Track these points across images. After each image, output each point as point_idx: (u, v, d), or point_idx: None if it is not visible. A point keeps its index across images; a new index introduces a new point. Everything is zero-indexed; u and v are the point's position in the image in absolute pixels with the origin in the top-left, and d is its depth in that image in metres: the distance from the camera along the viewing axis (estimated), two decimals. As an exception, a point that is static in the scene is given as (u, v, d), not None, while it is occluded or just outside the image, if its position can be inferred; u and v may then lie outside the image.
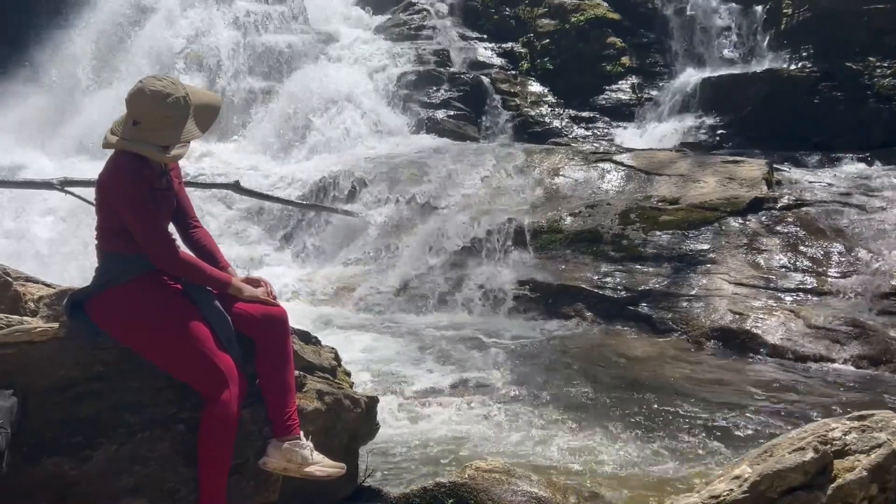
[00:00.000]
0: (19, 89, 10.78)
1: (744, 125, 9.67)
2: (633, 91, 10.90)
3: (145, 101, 2.63)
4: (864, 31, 9.88)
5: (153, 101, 2.62)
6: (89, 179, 7.03)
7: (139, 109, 2.63)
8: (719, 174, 7.72)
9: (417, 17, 11.73)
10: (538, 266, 7.15)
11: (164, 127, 2.63)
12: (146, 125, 2.62)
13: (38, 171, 8.40)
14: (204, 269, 2.65)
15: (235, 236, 8.26)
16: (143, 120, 2.63)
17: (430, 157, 9.00)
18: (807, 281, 6.29)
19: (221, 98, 2.80)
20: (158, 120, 2.62)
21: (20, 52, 11.28)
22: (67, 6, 11.31)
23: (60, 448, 2.50)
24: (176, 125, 2.65)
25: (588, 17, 11.34)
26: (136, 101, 2.64)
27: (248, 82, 10.70)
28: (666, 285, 6.58)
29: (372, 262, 7.83)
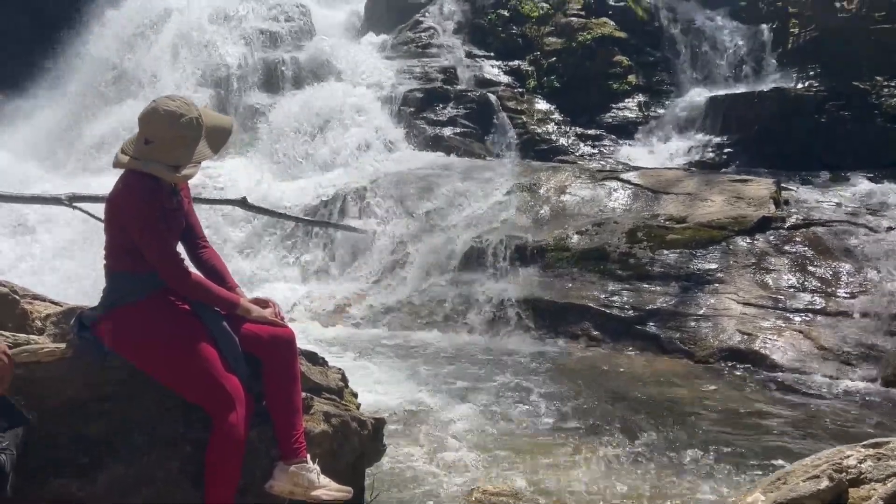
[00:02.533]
0: (29, 105, 10.86)
1: (751, 144, 9.66)
2: (640, 109, 10.92)
3: (158, 120, 2.63)
4: (871, 50, 9.90)
5: (166, 121, 2.62)
6: (97, 195, 7.06)
7: (152, 129, 2.63)
8: (727, 193, 7.70)
9: (425, 34, 11.78)
10: (544, 284, 7.13)
11: (175, 147, 2.63)
12: (158, 144, 2.62)
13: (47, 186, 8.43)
14: (212, 289, 2.64)
15: (240, 251, 8.26)
16: (155, 139, 2.62)
17: (436, 175, 9.01)
18: (816, 301, 6.25)
19: (233, 120, 2.80)
20: (170, 140, 2.62)
21: (31, 68, 11.37)
22: (79, 24, 11.40)
23: (67, 469, 2.48)
24: (188, 145, 2.64)
25: (595, 36, 11.39)
26: (149, 120, 2.64)
27: (255, 98, 10.76)
28: (674, 305, 6.54)
29: (377, 279, 7.82)
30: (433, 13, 12.04)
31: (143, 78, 10.73)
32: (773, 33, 10.79)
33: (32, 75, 11.33)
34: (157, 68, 10.78)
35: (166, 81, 10.45)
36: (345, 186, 8.84)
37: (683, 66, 11.23)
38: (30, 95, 11.12)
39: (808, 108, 9.58)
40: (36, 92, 11.23)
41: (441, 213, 8.31)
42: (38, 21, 11.91)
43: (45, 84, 11.32)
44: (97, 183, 7.94)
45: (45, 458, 2.47)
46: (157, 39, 11.13)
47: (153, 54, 10.98)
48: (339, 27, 12.37)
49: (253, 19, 11.61)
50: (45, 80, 11.33)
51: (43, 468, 2.46)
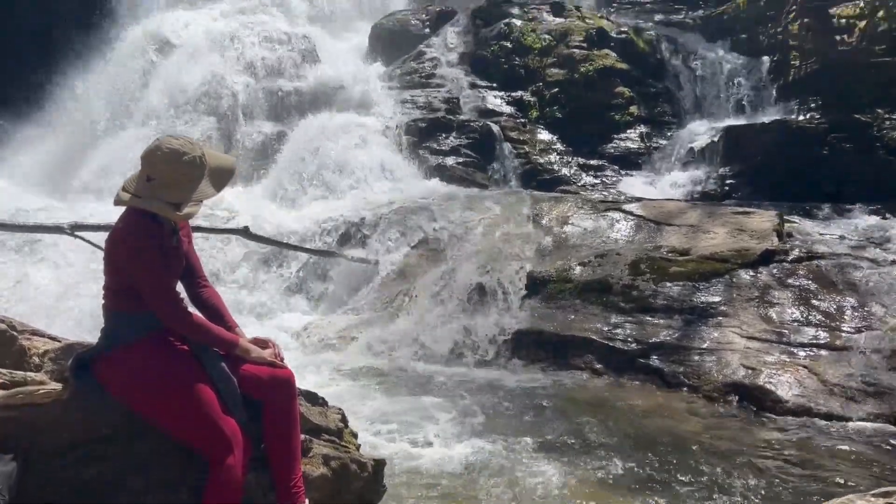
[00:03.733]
0: (32, 132, 10.93)
1: (753, 175, 9.67)
2: (642, 140, 10.96)
3: (161, 158, 2.63)
4: (872, 83, 9.95)
5: (169, 159, 2.62)
6: (99, 224, 7.07)
7: (154, 166, 2.63)
8: (729, 225, 7.68)
9: (428, 65, 11.87)
10: (547, 316, 7.09)
11: (177, 185, 2.62)
12: (160, 182, 2.61)
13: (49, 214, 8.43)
14: (211, 329, 2.62)
15: (242, 282, 8.23)
16: (157, 176, 2.62)
17: (439, 204, 9.02)
18: (820, 336, 6.20)
19: (236, 160, 2.81)
20: (172, 178, 2.61)
21: (35, 95, 11.46)
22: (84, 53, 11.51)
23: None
24: (190, 184, 2.64)
25: (597, 67, 11.46)
26: (152, 158, 2.64)
27: (259, 127, 10.82)
28: (677, 338, 6.49)
29: (380, 309, 7.78)
30: (436, 44, 12.14)
31: (147, 106, 10.80)
32: (774, 65, 10.86)
33: (36, 103, 11.42)
34: (160, 96, 10.86)
35: (169, 109, 10.52)
36: (348, 216, 8.85)
37: (685, 98, 11.29)
38: (33, 123, 11.20)
39: (810, 140, 9.60)
40: (39, 119, 11.31)
41: (444, 243, 8.30)
42: (44, 49, 12.02)
43: (48, 111, 11.40)
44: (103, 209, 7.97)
45: (40, 501, 2.43)
46: (160, 68, 11.22)
47: (157, 82, 11.06)
48: (344, 57, 12.46)
49: (257, 48, 11.72)
50: (48, 108, 11.41)
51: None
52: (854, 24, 10.25)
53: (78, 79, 11.39)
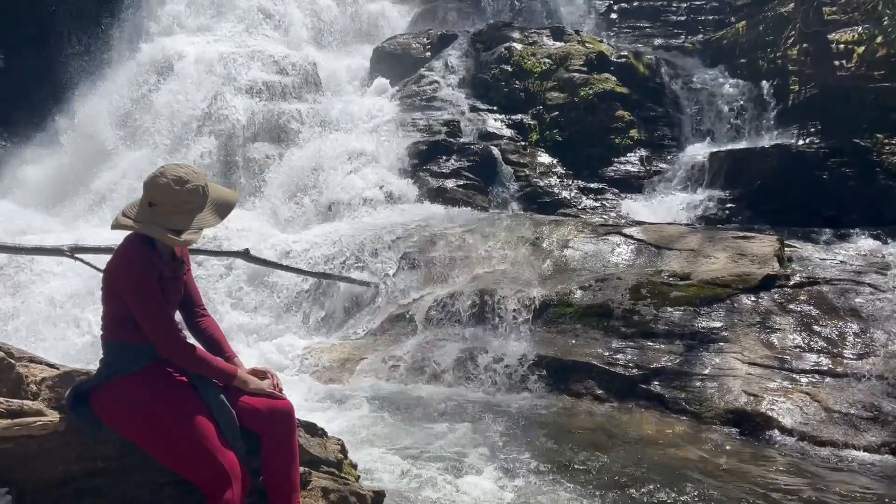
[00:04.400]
0: (35, 153, 10.96)
1: (753, 199, 9.69)
2: (642, 163, 10.99)
3: (164, 184, 2.63)
4: (871, 108, 10.00)
5: (172, 185, 2.62)
6: (100, 246, 7.06)
7: (156, 192, 2.63)
8: (730, 250, 7.67)
9: (429, 88, 11.93)
10: (548, 340, 7.05)
11: (178, 212, 2.62)
12: (161, 207, 2.61)
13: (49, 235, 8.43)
14: (209, 360, 2.60)
15: (241, 305, 8.21)
16: (158, 202, 2.62)
17: (439, 227, 9.02)
18: (822, 362, 6.16)
19: (238, 195, 2.81)
20: (174, 204, 2.61)
21: (37, 116, 11.52)
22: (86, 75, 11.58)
23: (55, 547, 2.40)
24: (191, 211, 2.64)
25: (597, 91, 11.52)
26: (155, 183, 2.64)
27: (259, 149, 10.85)
28: (678, 363, 6.45)
29: (379, 332, 7.75)
30: (437, 67, 12.21)
31: (148, 128, 10.84)
32: (774, 90, 10.91)
33: (38, 124, 11.47)
34: (161, 118, 10.90)
35: (172, 132, 10.55)
36: (348, 238, 8.84)
37: (685, 122, 11.34)
38: (35, 144, 11.24)
39: (810, 165, 9.63)
40: (42, 140, 11.35)
41: (443, 265, 8.29)
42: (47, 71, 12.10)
43: (50, 133, 11.45)
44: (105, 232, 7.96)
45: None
46: (162, 90, 11.28)
47: (158, 105, 11.11)
48: (345, 80, 12.53)
49: (258, 71, 11.78)
50: (50, 129, 11.46)
51: (31, 546, 2.39)
52: (853, 50, 10.32)
53: (80, 101, 11.44)
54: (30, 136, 11.30)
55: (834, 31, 10.72)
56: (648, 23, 13.71)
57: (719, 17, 12.96)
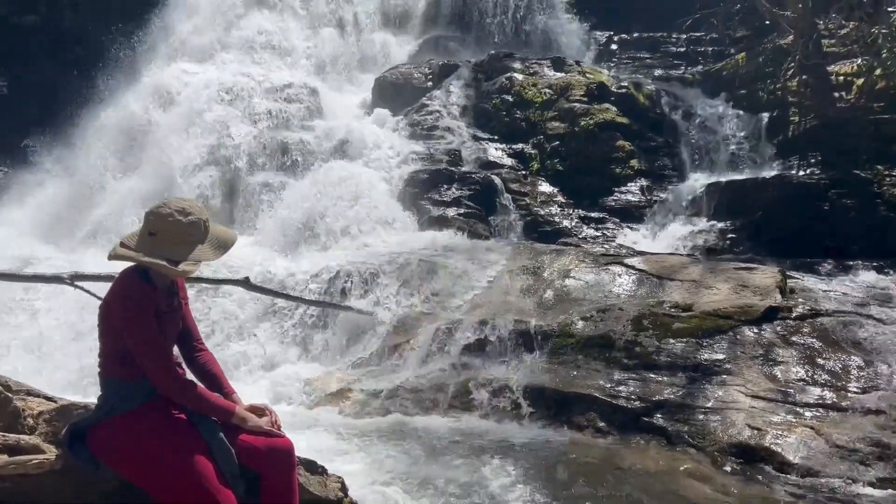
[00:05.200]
0: (35, 180, 10.98)
1: (754, 230, 9.68)
2: (643, 193, 11.00)
3: (167, 213, 2.63)
4: (871, 139, 10.03)
5: (174, 216, 2.62)
6: (100, 274, 7.03)
7: (158, 222, 2.63)
8: (732, 281, 7.65)
9: (430, 117, 11.99)
10: (549, 371, 7.00)
11: (178, 242, 2.61)
12: (161, 237, 2.60)
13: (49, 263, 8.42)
14: (208, 397, 2.57)
15: (240, 334, 8.16)
16: (159, 231, 2.61)
17: (440, 255, 9.00)
18: (826, 396, 6.11)
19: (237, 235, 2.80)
20: (175, 234, 2.60)
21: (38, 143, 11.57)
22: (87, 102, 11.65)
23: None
24: (191, 243, 2.63)
25: (597, 121, 11.58)
26: (157, 213, 2.64)
27: (262, 177, 10.88)
28: (681, 396, 6.40)
29: (380, 361, 7.70)
30: (439, 97, 12.29)
31: (150, 156, 10.88)
32: (774, 121, 10.96)
33: (39, 151, 11.51)
34: (163, 146, 10.94)
35: (175, 159, 10.59)
36: (348, 266, 8.82)
37: (685, 152, 11.38)
38: (36, 171, 11.27)
39: (811, 196, 9.64)
40: (42, 167, 11.38)
41: (444, 294, 8.26)
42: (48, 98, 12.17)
43: (51, 160, 11.48)
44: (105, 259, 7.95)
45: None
46: (165, 118, 11.33)
47: (160, 132, 11.16)
48: (347, 109, 12.60)
49: (261, 99, 11.85)
50: (51, 156, 11.49)
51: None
52: (852, 82, 10.40)
53: (82, 128, 11.50)
54: (31, 162, 11.33)
55: (833, 63, 10.80)
56: (648, 54, 13.83)
57: (719, 48, 13.08)
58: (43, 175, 11.19)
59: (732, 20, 12.47)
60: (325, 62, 13.84)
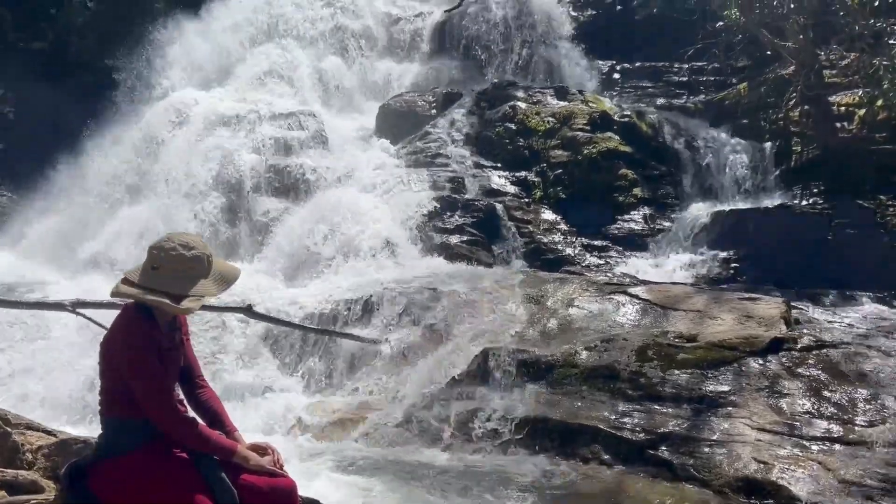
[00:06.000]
0: (40, 205, 11.02)
1: (757, 259, 9.67)
2: (646, 221, 11.01)
3: (170, 247, 2.63)
4: (873, 169, 10.06)
5: (177, 250, 2.62)
6: (102, 301, 7.02)
7: (161, 256, 2.62)
8: (736, 311, 7.61)
9: (434, 145, 12.04)
10: (552, 402, 6.94)
11: (181, 277, 2.60)
12: (164, 272, 2.59)
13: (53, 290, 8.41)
14: (209, 436, 2.54)
15: (242, 362, 8.12)
16: (162, 266, 2.60)
17: (443, 283, 8.97)
18: (833, 429, 6.04)
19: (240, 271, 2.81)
20: (178, 269, 2.60)
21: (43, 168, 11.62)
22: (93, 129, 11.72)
23: None
24: (194, 278, 2.62)
25: (600, 150, 11.62)
26: (160, 247, 2.64)
27: (266, 203, 10.90)
28: (686, 428, 6.33)
29: (382, 390, 7.65)
30: (442, 125, 12.35)
31: (155, 181, 10.92)
32: (776, 151, 11.00)
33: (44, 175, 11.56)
34: (168, 172, 10.99)
35: (178, 185, 10.62)
36: (351, 294, 8.80)
37: (688, 181, 11.40)
38: (41, 196, 11.30)
39: (814, 226, 9.64)
40: (47, 192, 11.42)
41: (447, 322, 8.22)
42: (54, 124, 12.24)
43: (56, 185, 11.53)
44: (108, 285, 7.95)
45: None
46: (169, 145, 11.39)
47: (165, 159, 11.21)
48: (352, 136, 12.66)
49: (265, 126, 11.92)
50: (56, 181, 11.54)
51: None
52: (854, 113, 10.44)
53: (87, 154, 11.55)
54: (35, 187, 11.38)
55: (835, 93, 10.86)
56: (650, 83, 13.91)
57: (720, 78, 13.15)
58: (48, 200, 11.23)
59: (734, 50, 12.55)
60: (330, 90, 13.94)
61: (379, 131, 12.94)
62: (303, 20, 14.73)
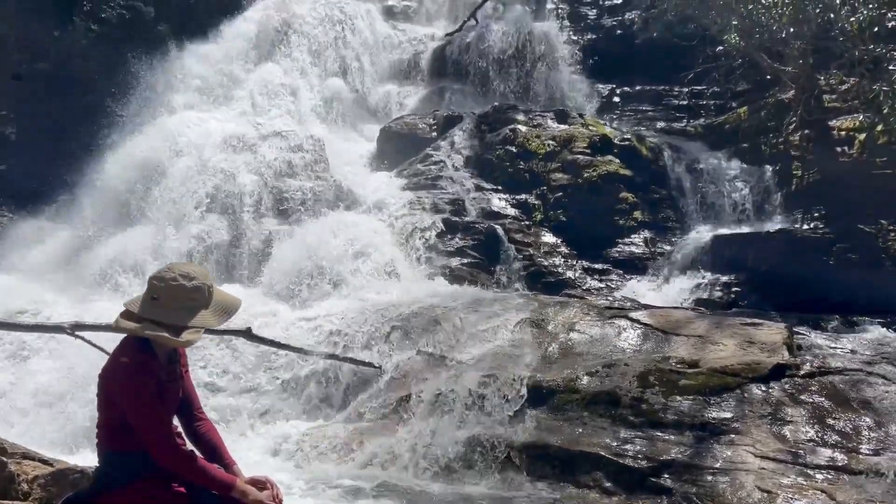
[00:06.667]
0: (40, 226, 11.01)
1: (759, 284, 9.63)
2: (646, 245, 10.99)
3: (170, 277, 2.61)
4: (874, 194, 10.04)
5: (177, 279, 2.60)
6: (101, 324, 6.99)
7: (161, 286, 2.60)
8: (738, 337, 7.57)
9: (435, 167, 12.06)
10: (553, 428, 6.88)
11: (180, 308, 2.58)
12: (164, 302, 2.57)
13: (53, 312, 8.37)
14: (207, 470, 2.51)
15: (240, 386, 8.06)
16: (161, 296, 2.58)
17: (443, 306, 8.94)
18: (837, 458, 5.98)
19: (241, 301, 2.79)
20: (178, 299, 2.58)
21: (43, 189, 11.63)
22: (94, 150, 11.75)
23: None
24: (192, 308, 2.60)
25: (600, 173, 11.64)
26: (160, 277, 2.62)
27: (266, 225, 10.89)
28: (689, 456, 6.27)
29: (381, 416, 7.58)
30: (443, 147, 12.38)
31: (155, 203, 10.92)
32: (777, 175, 11.01)
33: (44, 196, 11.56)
34: (169, 194, 10.99)
35: (179, 207, 10.62)
36: (352, 317, 8.76)
37: (688, 204, 11.41)
38: (41, 217, 11.31)
39: (815, 250, 9.63)
40: (47, 213, 11.43)
41: (447, 346, 8.18)
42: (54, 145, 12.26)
43: (56, 205, 11.53)
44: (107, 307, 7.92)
45: None
46: (170, 166, 11.40)
47: (166, 180, 11.22)
48: (353, 158, 12.69)
49: (268, 148, 11.94)
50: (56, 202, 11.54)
51: None
52: (854, 137, 10.47)
53: (88, 174, 11.57)
54: (36, 208, 11.38)
55: (835, 118, 10.89)
56: (650, 106, 13.96)
57: (720, 101, 13.20)
58: (48, 221, 11.23)
59: (734, 74, 12.61)
60: (331, 112, 13.99)
61: (380, 154, 12.97)
62: (305, 42, 14.82)
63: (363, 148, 13.28)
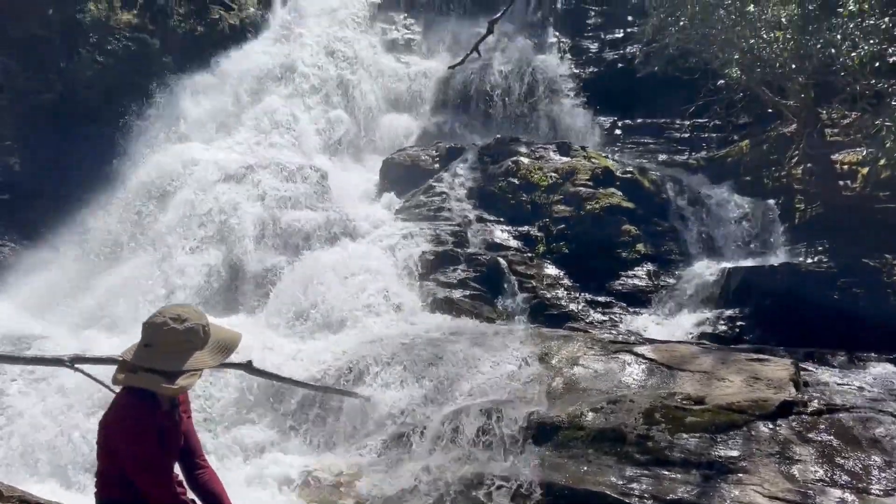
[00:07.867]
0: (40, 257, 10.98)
1: (764, 318, 9.56)
2: (650, 278, 10.94)
3: (161, 322, 2.57)
4: (878, 228, 10.02)
5: (168, 324, 2.56)
6: (101, 357, 6.93)
7: (153, 332, 2.57)
8: (744, 373, 7.49)
9: (437, 199, 12.07)
10: (558, 466, 6.77)
11: (174, 352, 2.54)
12: (157, 348, 2.53)
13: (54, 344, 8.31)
14: (208, 520, 2.44)
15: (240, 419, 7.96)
16: (154, 343, 2.54)
17: (445, 339, 8.87)
18: (848, 498, 5.87)
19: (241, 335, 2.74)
20: (171, 343, 2.54)
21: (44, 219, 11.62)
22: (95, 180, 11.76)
23: None
24: (186, 352, 2.56)
25: (603, 206, 11.63)
26: (152, 324, 2.58)
27: (268, 257, 10.86)
28: (696, 495, 6.15)
29: (382, 451, 7.48)
30: (446, 179, 12.40)
31: (157, 234, 10.90)
32: (780, 208, 11.00)
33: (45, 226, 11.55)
34: (170, 225, 10.98)
35: (180, 238, 10.60)
36: (353, 350, 8.68)
37: (691, 237, 11.38)
38: (42, 247, 11.28)
39: (820, 284, 9.56)
40: (49, 243, 11.40)
41: (450, 380, 8.09)
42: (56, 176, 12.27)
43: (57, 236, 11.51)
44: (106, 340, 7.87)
45: None
46: (173, 197, 11.41)
47: (168, 212, 11.22)
48: (355, 190, 12.71)
49: (269, 179, 11.95)
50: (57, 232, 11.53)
51: None
52: (857, 171, 10.48)
53: (91, 205, 11.57)
54: (39, 239, 11.36)
55: (837, 152, 10.91)
56: (652, 139, 14.02)
57: (722, 134, 13.25)
58: (50, 252, 11.20)
59: (735, 108, 12.67)
60: (334, 143, 14.05)
61: (382, 185, 12.99)
62: (308, 74, 14.94)
63: (366, 179, 13.30)
